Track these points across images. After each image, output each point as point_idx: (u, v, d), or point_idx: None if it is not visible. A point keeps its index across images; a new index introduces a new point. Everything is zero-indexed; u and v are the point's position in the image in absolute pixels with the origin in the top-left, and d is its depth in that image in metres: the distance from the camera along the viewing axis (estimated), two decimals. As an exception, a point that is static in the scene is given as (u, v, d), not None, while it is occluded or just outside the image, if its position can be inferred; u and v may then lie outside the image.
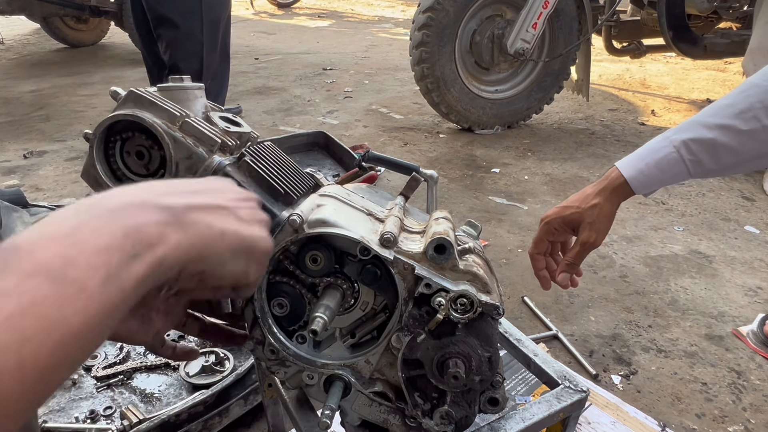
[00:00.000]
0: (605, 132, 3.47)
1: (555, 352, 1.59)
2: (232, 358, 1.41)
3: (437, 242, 0.64)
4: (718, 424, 1.35)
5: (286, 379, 0.75)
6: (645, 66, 5.12)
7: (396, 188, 2.62)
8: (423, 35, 3.01)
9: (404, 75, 4.83)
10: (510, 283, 1.90)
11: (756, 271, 1.98)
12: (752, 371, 1.52)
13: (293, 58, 5.64)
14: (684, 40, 3.26)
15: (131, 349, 1.51)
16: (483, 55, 3.17)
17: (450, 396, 0.69)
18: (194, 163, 0.67)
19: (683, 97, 4.17)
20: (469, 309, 0.64)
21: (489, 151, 3.14)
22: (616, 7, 3.15)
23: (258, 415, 1.36)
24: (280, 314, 0.72)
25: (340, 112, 3.85)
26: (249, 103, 4.06)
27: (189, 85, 0.73)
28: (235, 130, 0.74)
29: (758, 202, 2.51)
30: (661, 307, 1.79)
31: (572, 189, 2.65)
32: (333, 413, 0.67)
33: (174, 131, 0.66)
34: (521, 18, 2.95)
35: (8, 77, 4.91)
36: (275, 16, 9.00)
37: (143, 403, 1.34)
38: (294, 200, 0.71)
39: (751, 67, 2.65)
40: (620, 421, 1.32)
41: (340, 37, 6.95)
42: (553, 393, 0.82)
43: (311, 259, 0.68)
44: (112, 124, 0.66)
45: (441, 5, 2.94)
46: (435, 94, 3.17)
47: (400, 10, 9.56)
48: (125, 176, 0.69)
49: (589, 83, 3.44)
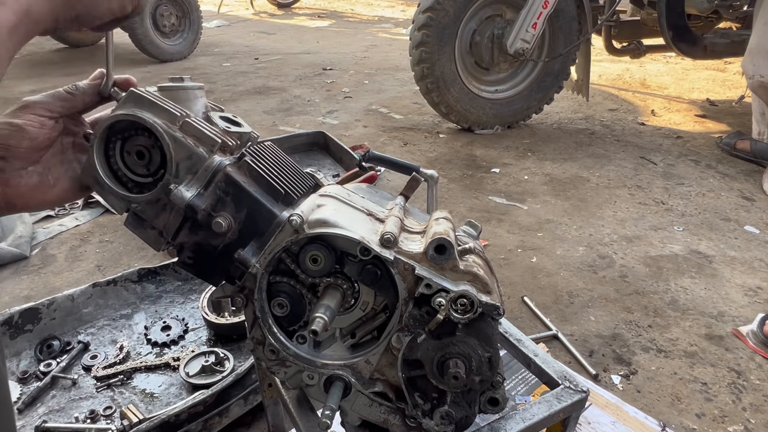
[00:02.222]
0: (605, 132, 3.47)
1: (555, 352, 1.59)
2: (232, 358, 1.42)
3: (437, 242, 0.64)
4: (718, 424, 1.35)
5: (287, 379, 0.75)
6: (645, 66, 5.12)
7: (396, 188, 2.62)
8: (423, 35, 3.01)
9: (404, 75, 4.83)
10: (510, 283, 1.91)
11: (756, 271, 1.98)
12: (752, 371, 1.52)
13: (293, 58, 5.64)
14: (684, 40, 3.25)
15: (131, 349, 1.51)
16: (483, 55, 3.17)
17: (450, 396, 0.69)
18: (194, 163, 0.67)
19: (683, 97, 4.17)
20: (470, 309, 0.64)
21: (489, 151, 3.14)
22: (616, 7, 3.15)
23: (258, 415, 1.36)
24: (280, 314, 0.72)
25: (339, 112, 3.85)
26: (249, 103, 4.06)
27: (189, 85, 0.73)
28: (235, 130, 0.74)
29: (758, 202, 2.51)
30: (661, 307, 1.79)
31: (572, 189, 2.65)
32: (333, 413, 0.67)
33: (174, 131, 0.66)
34: (521, 18, 2.95)
35: (8, 77, 4.90)
36: (275, 16, 9.00)
37: (143, 403, 1.34)
38: (294, 200, 0.71)
39: (751, 67, 2.64)
40: (620, 421, 1.32)
41: (339, 37, 6.95)
42: (553, 393, 0.82)
43: (311, 259, 0.68)
44: (112, 123, 0.66)
45: (441, 5, 2.94)
46: (435, 94, 3.17)
47: (400, 10, 9.56)
48: (125, 176, 0.69)
49: (589, 83, 3.44)
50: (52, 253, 2.11)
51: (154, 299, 1.71)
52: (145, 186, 0.69)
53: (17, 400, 1.32)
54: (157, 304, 1.69)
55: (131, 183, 0.69)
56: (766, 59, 2.57)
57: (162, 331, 1.56)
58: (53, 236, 2.23)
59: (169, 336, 1.54)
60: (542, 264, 2.02)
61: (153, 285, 1.73)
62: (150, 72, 4.95)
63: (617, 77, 4.78)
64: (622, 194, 2.60)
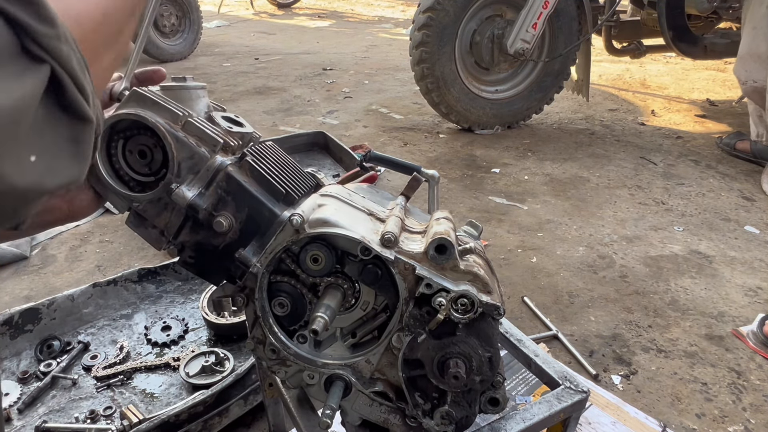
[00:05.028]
0: (605, 132, 3.47)
1: (555, 352, 1.59)
2: (232, 359, 1.42)
3: (438, 242, 0.64)
4: (718, 424, 1.35)
5: (287, 378, 0.75)
6: (645, 66, 5.12)
7: (396, 188, 2.62)
8: (423, 35, 3.00)
9: (404, 75, 4.83)
10: (510, 283, 1.91)
11: (756, 271, 1.98)
12: (752, 371, 1.52)
13: (293, 59, 5.64)
14: (684, 40, 3.25)
15: (131, 349, 1.51)
16: (483, 55, 3.17)
17: (450, 396, 0.69)
18: (196, 163, 0.67)
19: (683, 97, 4.18)
20: (470, 309, 0.64)
21: (489, 151, 3.14)
22: (616, 7, 3.15)
23: (258, 415, 1.36)
24: (281, 314, 0.72)
25: (340, 112, 3.85)
26: (249, 103, 4.06)
27: (192, 84, 0.73)
28: (237, 131, 0.74)
29: (758, 202, 2.51)
30: (661, 307, 1.79)
31: (572, 189, 2.65)
32: (333, 413, 0.67)
33: (176, 131, 0.66)
34: (521, 18, 2.95)
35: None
36: (275, 16, 9.00)
37: (143, 403, 1.34)
38: (295, 200, 0.71)
39: (743, 73, 2.64)
40: (621, 421, 1.32)
41: (340, 38, 6.95)
42: (553, 393, 0.82)
43: (312, 258, 0.68)
44: (114, 123, 0.66)
45: (441, 5, 2.94)
46: (435, 94, 3.17)
47: (400, 10, 9.56)
48: (127, 175, 0.69)
49: (589, 83, 3.44)
50: (52, 253, 2.11)
51: (155, 299, 1.71)
52: (146, 185, 0.69)
53: (17, 400, 1.32)
54: (158, 304, 1.69)
55: (133, 182, 0.69)
56: (757, 64, 2.57)
57: (162, 331, 1.56)
58: (53, 236, 2.23)
59: (169, 336, 1.54)
60: (542, 264, 2.02)
61: (153, 285, 1.73)
62: (150, 72, 4.95)
63: (617, 77, 4.79)
64: (622, 194, 2.60)
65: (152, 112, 0.66)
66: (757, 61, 2.56)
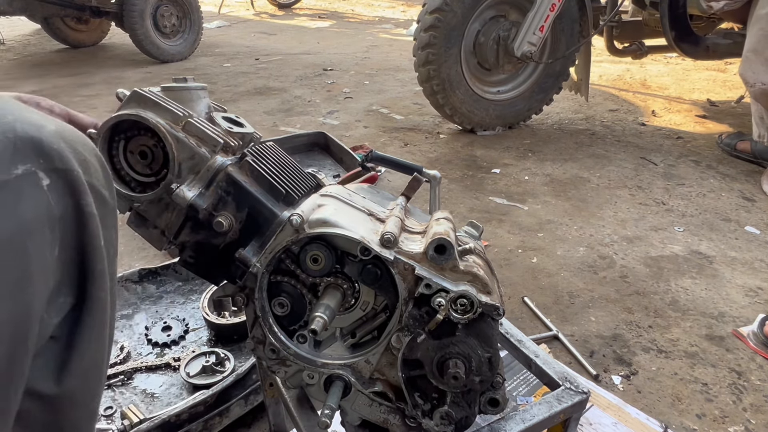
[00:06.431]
0: (605, 132, 3.47)
1: (555, 352, 1.59)
2: (232, 359, 1.42)
3: (437, 242, 0.64)
4: (718, 425, 1.35)
5: (287, 378, 0.75)
6: (645, 66, 5.11)
7: (397, 189, 2.62)
8: (430, 36, 2.95)
9: (404, 75, 4.83)
10: (510, 283, 1.91)
11: (756, 272, 1.98)
12: (753, 372, 1.52)
13: (294, 59, 5.65)
14: (686, 41, 3.25)
15: (131, 349, 1.51)
16: (487, 56, 3.13)
17: (450, 396, 0.69)
18: (197, 163, 0.67)
19: (684, 98, 4.17)
20: (469, 309, 0.64)
21: (489, 151, 3.14)
22: (619, 8, 3.14)
23: (258, 415, 1.36)
24: (280, 314, 0.73)
25: (340, 113, 3.85)
26: (249, 104, 4.06)
27: (192, 85, 0.73)
28: (237, 131, 0.74)
29: (758, 202, 2.51)
30: (662, 308, 1.79)
31: (572, 189, 2.65)
32: (333, 413, 0.67)
33: (177, 131, 0.66)
34: (528, 21, 2.92)
35: (9, 78, 4.92)
36: (276, 16, 9.01)
37: (144, 403, 1.34)
38: (295, 200, 0.71)
39: (751, 75, 2.60)
40: (622, 422, 1.32)
41: (340, 38, 6.96)
42: (554, 394, 0.82)
43: (312, 258, 0.68)
44: (115, 123, 0.67)
45: (449, 6, 2.88)
46: (440, 96, 3.12)
47: (400, 10, 9.56)
48: (128, 175, 0.69)
49: (589, 83, 3.44)
50: (53, 253, 2.11)
51: (155, 299, 1.71)
52: (147, 185, 0.70)
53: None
54: (158, 304, 1.69)
55: (134, 182, 0.70)
56: (764, 66, 2.55)
57: (162, 332, 1.56)
58: (54, 236, 2.23)
59: (169, 336, 1.54)
60: (543, 264, 2.02)
61: (154, 285, 1.73)
62: (150, 72, 4.96)
63: (618, 78, 4.78)
64: (622, 195, 2.60)
65: (153, 112, 0.66)
66: (765, 63, 2.54)
